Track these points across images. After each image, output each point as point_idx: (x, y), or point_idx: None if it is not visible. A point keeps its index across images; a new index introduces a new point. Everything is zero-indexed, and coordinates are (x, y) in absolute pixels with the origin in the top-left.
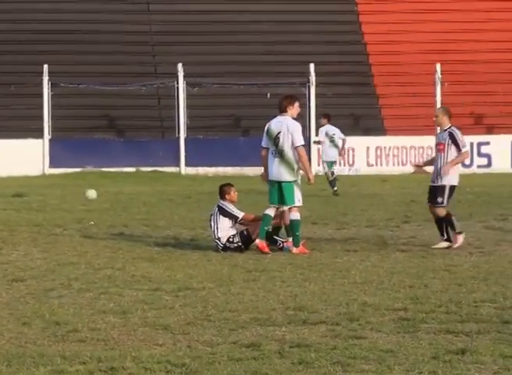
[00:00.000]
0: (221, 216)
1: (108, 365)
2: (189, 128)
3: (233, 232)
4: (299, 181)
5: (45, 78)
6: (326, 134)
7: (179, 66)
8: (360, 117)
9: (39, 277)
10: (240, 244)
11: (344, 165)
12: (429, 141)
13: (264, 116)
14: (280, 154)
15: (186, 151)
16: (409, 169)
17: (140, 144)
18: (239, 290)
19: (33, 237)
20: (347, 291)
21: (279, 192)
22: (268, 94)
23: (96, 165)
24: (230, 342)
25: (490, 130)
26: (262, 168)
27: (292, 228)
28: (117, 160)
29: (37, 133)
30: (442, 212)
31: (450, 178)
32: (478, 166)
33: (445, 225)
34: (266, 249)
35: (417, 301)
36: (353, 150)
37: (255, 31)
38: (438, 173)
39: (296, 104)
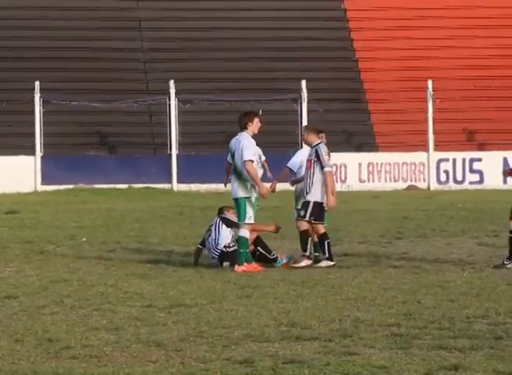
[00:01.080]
0: (224, 226)
1: None
2: (181, 144)
3: (231, 238)
4: (253, 199)
5: (37, 95)
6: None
7: (171, 83)
8: (352, 133)
9: (31, 294)
10: (235, 248)
11: (336, 181)
12: (421, 157)
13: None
14: (235, 170)
15: (178, 168)
16: (401, 185)
17: (132, 161)
18: (232, 306)
19: (25, 253)
20: (340, 307)
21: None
22: (260, 111)
23: (88, 181)
24: (223, 358)
25: (482, 146)
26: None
27: (238, 244)
28: (109, 177)
29: (29, 150)
30: (301, 225)
31: (316, 194)
32: (470, 183)
33: (326, 243)
34: (257, 268)
35: (410, 317)
36: (345, 166)
37: (247, 48)
38: (306, 189)
39: (256, 120)
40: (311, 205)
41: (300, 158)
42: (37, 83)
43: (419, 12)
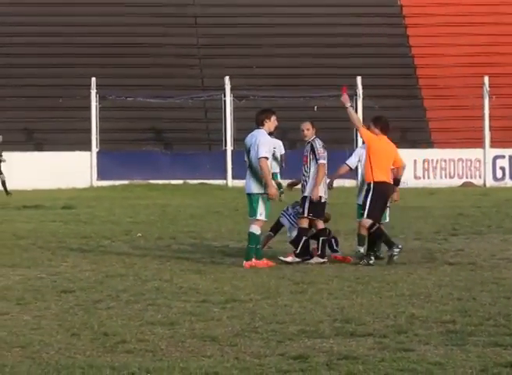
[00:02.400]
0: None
1: None
2: (236, 140)
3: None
4: (265, 195)
5: (93, 91)
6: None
7: (226, 79)
8: (408, 130)
9: (87, 289)
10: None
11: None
12: (477, 153)
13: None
14: (250, 167)
15: (233, 164)
16: (457, 182)
17: (187, 157)
18: (286, 302)
19: (81, 248)
20: (395, 303)
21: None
22: (315, 107)
23: (143, 177)
24: (278, 354)
25: None
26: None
27: (248, 240)
28: (164, 173)
29: (85, 145)
30: (301, 222)
31: (312, 190)
32: None
33: (321, 240)
34: (268, 263)
35: (465, 314)
36: None
37: (302, 44)
38: (302, 185)
39: (273, 117)
40: (308, 200)
41: (358, 156)
42: (93, 79)
43: (475, 8)
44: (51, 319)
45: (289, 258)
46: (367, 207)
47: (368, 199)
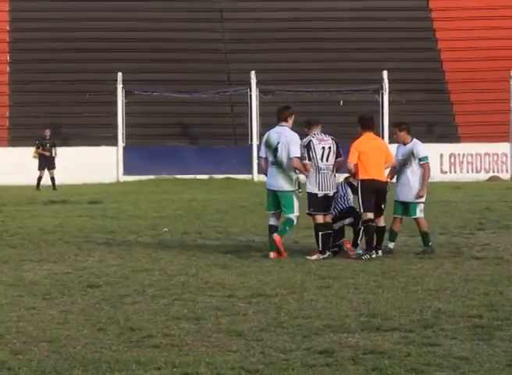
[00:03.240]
0: (349, 189)
1: (182, 370)
2: (262, 135)
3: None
4: (297, 192)
5: (119, 86)
6: None
7: (252, 74)
8: (434, 124)
9: (114, 283)
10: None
11: None
12: (504, 147)
13: (336, 123)
14: (279, 164)
15: (258, 159)
16: (484, 176)
17: (213, 152)
18: (312, 296)
19: (107, 243)
20: (421, 298)
21: (275, 200)
22: (341, 102)
23: (169, 172)
24: (304, 349)
25: None
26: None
27: (285, 222)
28: (190, 167)
29: (112, 140)
30: (313, 219)
31: (309, 186)
32: None
33: (320, 235)
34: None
35: (492, 309)
36: None
37: (328, 38)
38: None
39: (293, 115)
40: (307, 196)
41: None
42: (119, 74)
43: (503, 1)
44: (78, 313)
45: (315, 257)
46: (360, 203)
47: (359, 195)
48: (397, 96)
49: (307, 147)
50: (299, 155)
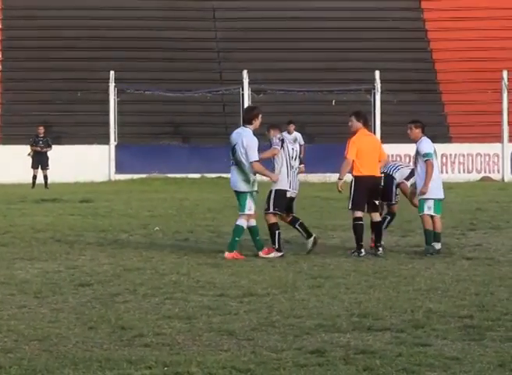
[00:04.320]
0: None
1: (173, 370)
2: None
3: None
4: (254, 193)
5: (111, 84)
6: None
7: (244, 73)
8: (426, 124)
9: (105, 282)
10: None
11: None
12: (496, 148)
13: (329, 123)
14: (237, 164)
15: None
16: (475, 176)
17: (205, 151)
18: (303, 296)
19: (99, 242)
20: (412, 298)
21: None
22: (334, 101)
23: (161, 171)
24: (295, 348)
25: None
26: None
27: (233, 232)
28: (182, 166)
29: (104, 139)
30: (269, 218)
31: (279, 183)
32: None
33: (277, 233)
34: (239, 256)
35: (483, 309)
36: None
37: (321, 38)
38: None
39: (260, 116)
40: (273, 194)
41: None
42: (111, 72)
43: (493, 3)
44: (69, 312)
45: (272, 255)
46: (350, 200)
47: (351, 192)
48: (389, 96)
49: (282, 141)
50: (257, 159)
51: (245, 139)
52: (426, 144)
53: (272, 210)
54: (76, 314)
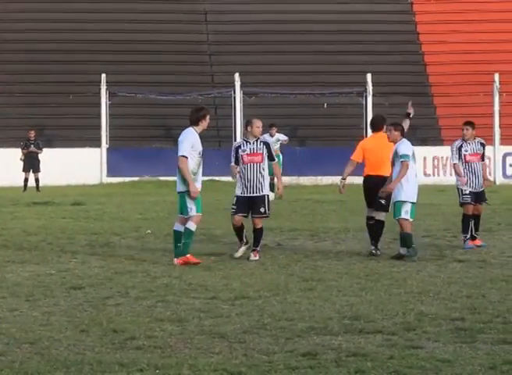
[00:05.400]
0: None
1: (165, 372)
2: None
3: None
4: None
5: (103, 87)
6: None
7: (236, 76)
8: (418, 127)
9: (97, 285)
10: None
11: None
12: (487, 151)
13: (320, 126)
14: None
15: None
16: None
17: None
18: (295, 299)
19: (91, 245)
20: (404, 300)
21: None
22: (325, 104)
23: (153, 174)
24: (287, 351)
25: None
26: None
27: (184, 236)
28: (174, 169)
29: (95, 142)
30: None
31: (268, 188)
32: None
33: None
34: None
35: (474, 312)
36: None
37: (312, 41)
38: (258, 184)
39: (208, 117)
40: (267, 198)
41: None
42: (103, 75)
43: (485, 6)
44: (60, 315)
45: (257, 257)
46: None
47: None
48: (381, 99)
49: (236, 151)
50: (185, 155)
51: (181, 136)
52: (405, 146)
53: (267, 214)
54: (67, 317)
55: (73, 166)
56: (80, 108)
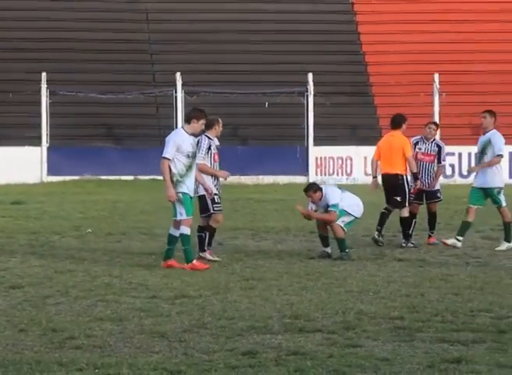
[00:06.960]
0: None
1: (104, 372)
2: None
3: None
4: (180, 195)
5: (43, 86)
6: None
7: (178, 75)
8: (358, 127)
9: (36, 284)
10: None
11: (342, 174)
12: None
13: (262, 125)
14: None
15: None
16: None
17: (138, 153)
18: (236, 298)
19: (30, 244)
20: (344, 299)
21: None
22: (267, 104)
23: (94, 173)
24: (227, 350)
25: None
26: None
27: (182, 242)
28: (115, 168)
29: (35, 140)
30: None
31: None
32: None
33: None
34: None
35: (413, 310)
36: (350, 159)
37: (254, 40)
38: (215, 182)
39: (202, 121)
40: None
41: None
42: (43, 74)
43: (425, 6)
44: None
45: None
46: None
47: None
48: (322, 99)
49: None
50: (167, 156)
51: (168, 136)
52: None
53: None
54: (6, 316)
55: (13, 165)
56: (19, 106)
